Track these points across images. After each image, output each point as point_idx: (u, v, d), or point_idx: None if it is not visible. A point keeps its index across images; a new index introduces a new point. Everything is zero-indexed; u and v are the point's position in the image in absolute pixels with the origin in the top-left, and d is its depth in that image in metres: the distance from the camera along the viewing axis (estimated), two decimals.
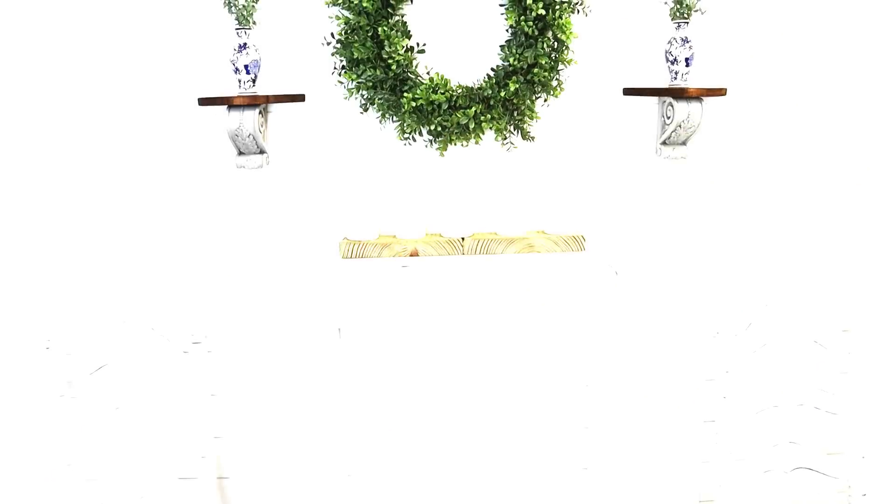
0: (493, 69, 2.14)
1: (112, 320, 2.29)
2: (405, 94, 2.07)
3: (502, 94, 2.08)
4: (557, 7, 2.05)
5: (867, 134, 2.29)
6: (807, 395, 2.35)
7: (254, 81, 2.11)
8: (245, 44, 2.08)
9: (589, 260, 2.13)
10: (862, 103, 2.27)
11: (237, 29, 2.08)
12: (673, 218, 2.29)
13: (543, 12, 2.02)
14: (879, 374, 2.40)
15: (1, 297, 2.30)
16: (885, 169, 2.32)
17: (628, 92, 2.20)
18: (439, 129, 2.12)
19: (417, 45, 2.14)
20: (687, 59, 2.11)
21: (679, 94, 2.08)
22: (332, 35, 2.12)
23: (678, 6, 2.10)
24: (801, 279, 2.35)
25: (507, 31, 2.12)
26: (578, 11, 2.09)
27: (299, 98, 2.18)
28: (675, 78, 2.14)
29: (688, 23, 2.11)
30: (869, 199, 2.33)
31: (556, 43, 2.09)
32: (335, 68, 2.14)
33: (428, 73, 2.13)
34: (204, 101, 2.08)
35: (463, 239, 2.14)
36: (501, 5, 2.12)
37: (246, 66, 2.08)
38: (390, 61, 2.05)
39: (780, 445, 2.36)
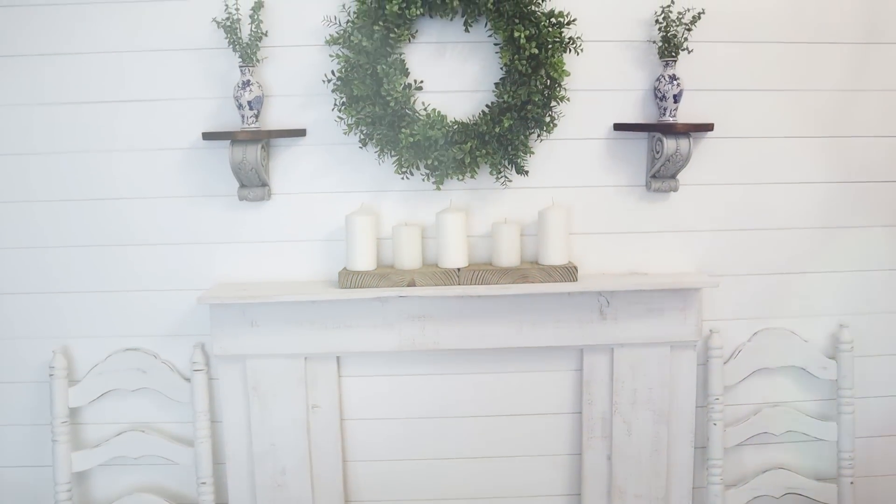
0: (487, 106, 2.21)
1: (115, 348, 2.34)
2: (403, 130, 2.13)
3: (497, 129, 2.14)
4: (550, 46, 2.12)
5: (857, 161, 2.36)
6: (797, 421, 2.40)
7: (256, 117, 2.18)
8: (249, 81, 2.15)
9: (581, 290, 2.19)
10: (850, 134, 2.34)
11: (241, 66, 2.15)
12: (663, 249, 2.35)
13: (536, 51, 2.09)
14: (868, 399, 2.45)
15: (9, 323, 2.35)
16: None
17: (619, 127, 2.27)
18: (436, 163, 2.18)
19: (415, 82, 2.21)
20: (675, 96, 2.18)
21: (667, 129, 2.15)
22: (333, 73, 2.19)
23: (666, 45, 2.17)
24: (790, 307, 2.41)
25: (501, 69, 2.19)
26: (571, 50, 2.16)
27: (300, 133, 2.24)
28: (664, 114, 2.21)
29: (675, 61, 2.18)
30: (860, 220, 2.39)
31: (548, 80, 2.15)
32: (335, 104, 2.21)
33: (425, 110, 2.20)
34: (208, 136, 2.15)
35: (459, 270, 2.19)
36: (496, 44, 2.19)
37: (249, 103, 2.15)
38: (388, 98, 2.11)
39: (771, 470, 2.41)
